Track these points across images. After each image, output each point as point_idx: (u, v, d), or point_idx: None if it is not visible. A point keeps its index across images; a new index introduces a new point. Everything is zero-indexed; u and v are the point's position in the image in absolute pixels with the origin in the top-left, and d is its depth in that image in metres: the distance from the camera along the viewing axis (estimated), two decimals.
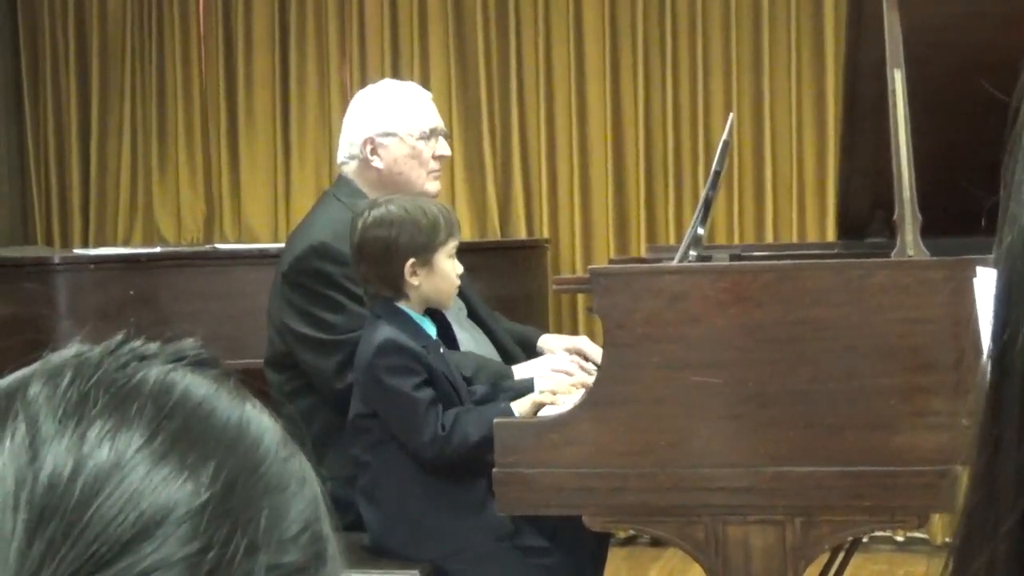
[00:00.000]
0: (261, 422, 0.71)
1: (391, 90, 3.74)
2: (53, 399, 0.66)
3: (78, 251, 5.78)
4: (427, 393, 3.11)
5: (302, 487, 0.70)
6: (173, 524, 0.63)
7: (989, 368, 0.71)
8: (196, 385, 0.70)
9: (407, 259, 3.17)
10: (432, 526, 3.17)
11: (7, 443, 0.64)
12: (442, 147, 3.69)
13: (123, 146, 6.53)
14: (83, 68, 6.57)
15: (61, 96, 6.60)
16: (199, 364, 0.73)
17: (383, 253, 3.17)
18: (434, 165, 3.67)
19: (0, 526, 0.62)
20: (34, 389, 0.67)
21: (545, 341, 3.80)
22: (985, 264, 2.72)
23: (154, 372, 0.70)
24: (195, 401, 0.69)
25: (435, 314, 3.33)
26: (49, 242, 6.58)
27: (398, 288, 3.20)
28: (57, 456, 0.63)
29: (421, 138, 3.63)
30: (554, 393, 3.17)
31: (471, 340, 3.58)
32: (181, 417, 0.67)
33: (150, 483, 0.63)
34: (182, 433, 0.66)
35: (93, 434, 0.64)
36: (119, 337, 0.72)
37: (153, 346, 0.72)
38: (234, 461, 0.67)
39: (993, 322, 0.72)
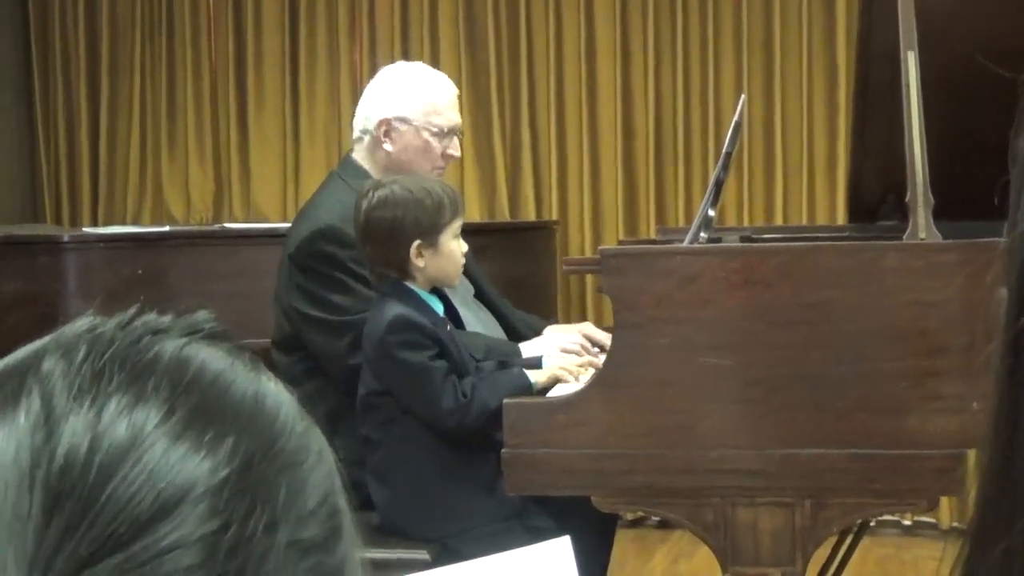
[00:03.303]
0: (278, 395, 0.71)
1: (420, 77, 3.69)
2: (68, 374, 0.66)
3: (87, 230, 5.79)
4: (442, 363, 3.12)
5: (319, 460, 0.70)
6: (191, 503, 0.62)
7: (1003, 354, 0.71)
8: (212, 359, 0.69)
9: (413, 241, 3.16)
10: (441, 505, 3.17)
11: (22, 419, 0.64)
12: (454, 147, 3.67)
13: (132, 126, 6.53)
14: (93, 48, 6.57)
15: (71, 75, 6.60)
16: (213, 337, 0.72)
17: (388, 235, 3.16)
18: (441, 163, 3.66)
19: (17, 507, 0.61)
20: (48, 364, 0.67)
21: (550, 331, 3.78)
22: (997, 247, 2.71)
23: (169, 346, 0.69)
24: (211, 376, 0.68)
25: (440, 296, 3.33)
26: (58, 221, 6.59)
27: (404, 269, 3.19)
28: (73, 434, 0.63)
29: (436, 135, 3.61)
30: (575, 374, 3.17)
31: (477, 321, 3.58)
32: (198, 393, 0.67)
33: (168, 462, 0.63)
34: (199, 409, 0.66)
35: (109, 411, 0.64)
36: (132, 310, 0.71)
37: (167, 319, 0.72)
38: (251, 437, 0.66)
39: (1008, 307, 0.71)
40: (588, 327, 3.74)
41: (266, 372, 0.72)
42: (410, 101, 3.61)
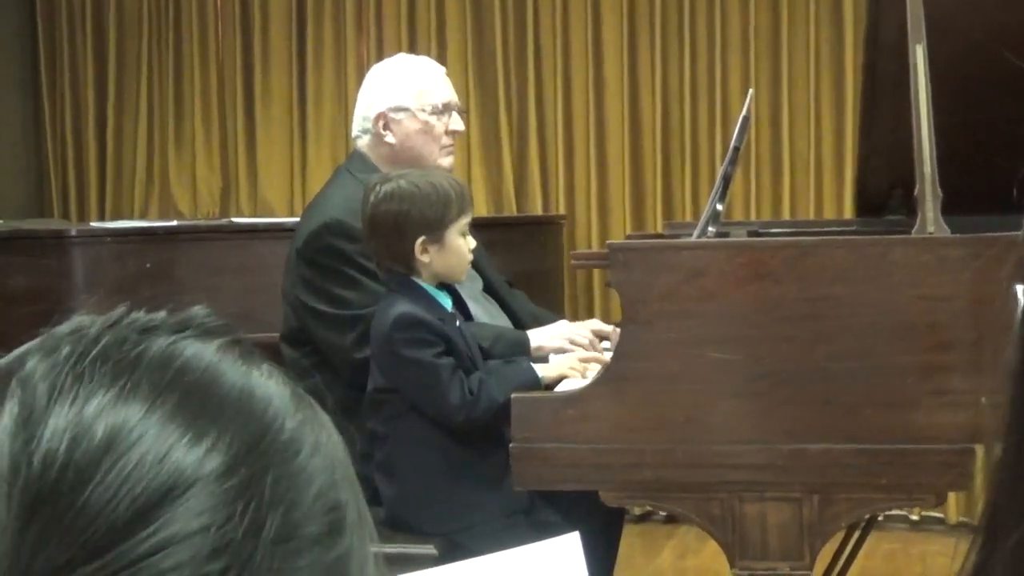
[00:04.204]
0: (267, 389, 0.69)
1: (404, 65, 3.73)
2: (49, 376, 0.65)
3: (95, 224, 5.79)
4: (449, 360, 3.12)
5: (315, 454, 0.68)
6: (171, 505, 0.61)
7: (1018, 348, 0.71)
8: (199, 355, 0.68)
9: (417, 236, 3.15)
10: (448, 500, 3.17)
11: (4, 422, 0.63)
12: (455, 122, 3.67)
13: (139, 120, 6.54)
14: (100, 42, 6.57)
15: (78, 70, 6.60)
16: (206, 333, 0.70)
17: (393, 230, 3.16)
18: (447, 140, 3.66)
19: None
20: (30, 365, 0.66)
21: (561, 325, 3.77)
22: (1005, 241, 2.72)
23: (156, 344, 0.67)
24: (196, 371, 0.67)
25: (449, 289, 3.32)
26: (66, 215, 6.60)
27: (410, 265, 3.19)
28: (51, 437, 0.62)
29: (433, 113, 3.62)
30: (582, 371, 3.17)
31: (486, 314, 3.57)
32: (181, 389, 0.65)
33: (145, 463, 0.62)
34: (181, 407, 0.64)
35: (89, 411, 0.63)
36: (120, 310, 0.70)
37: (158, 317, 0.70)
38: (236, 433, 0.65)
39: None
40: (595, 324, 3.73)
41: (260, 367, 0.70)
42: (399, 89, 3.62)
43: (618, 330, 3.39)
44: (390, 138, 3.61)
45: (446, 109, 3.65)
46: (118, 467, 0.61)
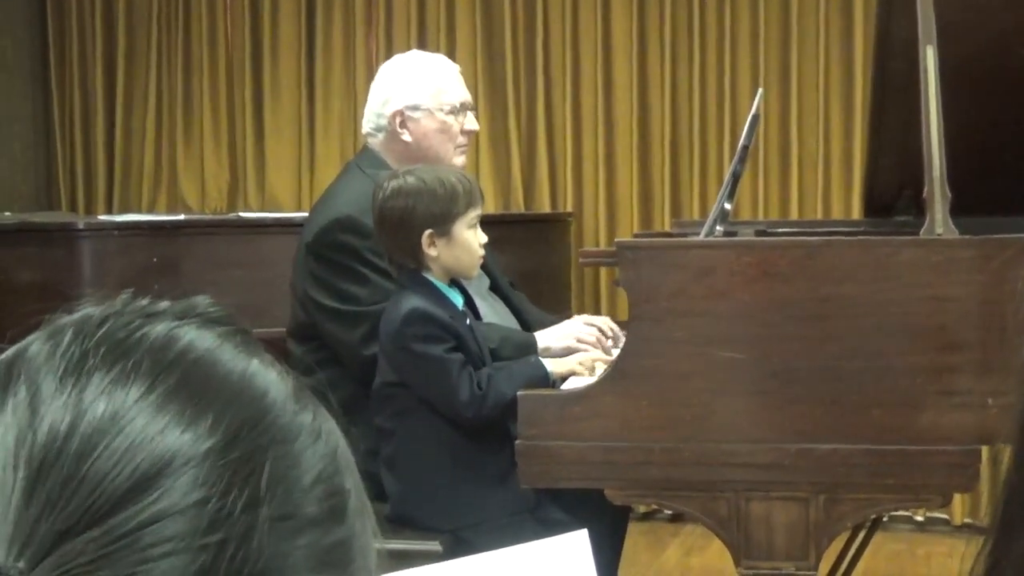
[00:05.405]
0: (267, 376, 0.71)
1: (420, 63, 3.72)
2: (53, 358, 0.67)
3: (103, 217, 5.79)
4: (458, 355, 3.12)
5: (315, 440, 0.70)
6: (170, 476, 0.63)
7: None
8: (199, 340, 0.70)
9: (424, 230, 3.16)
10: (453, 497, 3.17)
11: (11, 404, 0.65)
12: (470, 122, 3.68)
13: (148, 113, 6.54)
14: (109, 35, 6.58)
15: (87, 62, 6.61)
16: (208, 322, 0.72)
17: (400, 224, 3.17)
18: (462, 140, 3.66)
19: (1, 484, 0.63)
20: (34, 349, 0.68)
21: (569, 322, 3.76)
22: (1014, 243, 2.72)
23: (158, 328, 0.70)
24: (196, 354, 0.69)
25: (459, 288, 3.33)
26: (74, 208, 6.61)
27: (418, 259, 3.20)
28: (55, 413, 0.64)
29: (451, 113, 3.62)
30: (592, 369, 3.17)
31: (493, 312, 3.57)
32: (181, 370, 0.67)
33: (146, 436, 0.64)
34: (181, 385, 0.66)
35: (91, 390, 0.65)
36: (124, 297, 0.72)
37: (162, 304, 0.72)
38: (235, 413, 0.67)
39: None
40: (604, 321, 3.72)
41: (261, 354, 0.73)
42: (417, 87, 3.61)
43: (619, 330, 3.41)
44: (407, 136, 3.61)
45: (462, 108, 3.65)
46: (119, 439, 0.63)
